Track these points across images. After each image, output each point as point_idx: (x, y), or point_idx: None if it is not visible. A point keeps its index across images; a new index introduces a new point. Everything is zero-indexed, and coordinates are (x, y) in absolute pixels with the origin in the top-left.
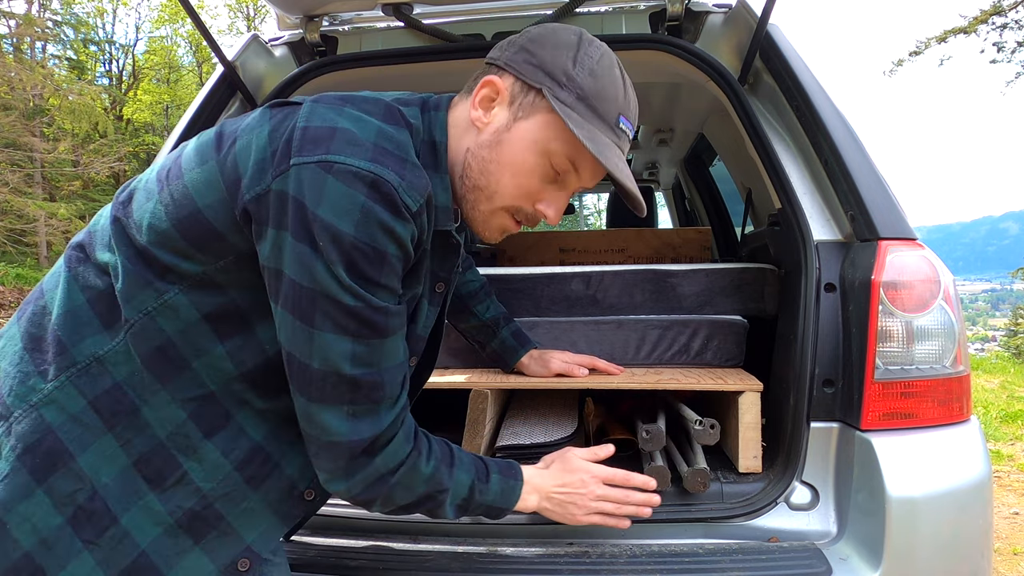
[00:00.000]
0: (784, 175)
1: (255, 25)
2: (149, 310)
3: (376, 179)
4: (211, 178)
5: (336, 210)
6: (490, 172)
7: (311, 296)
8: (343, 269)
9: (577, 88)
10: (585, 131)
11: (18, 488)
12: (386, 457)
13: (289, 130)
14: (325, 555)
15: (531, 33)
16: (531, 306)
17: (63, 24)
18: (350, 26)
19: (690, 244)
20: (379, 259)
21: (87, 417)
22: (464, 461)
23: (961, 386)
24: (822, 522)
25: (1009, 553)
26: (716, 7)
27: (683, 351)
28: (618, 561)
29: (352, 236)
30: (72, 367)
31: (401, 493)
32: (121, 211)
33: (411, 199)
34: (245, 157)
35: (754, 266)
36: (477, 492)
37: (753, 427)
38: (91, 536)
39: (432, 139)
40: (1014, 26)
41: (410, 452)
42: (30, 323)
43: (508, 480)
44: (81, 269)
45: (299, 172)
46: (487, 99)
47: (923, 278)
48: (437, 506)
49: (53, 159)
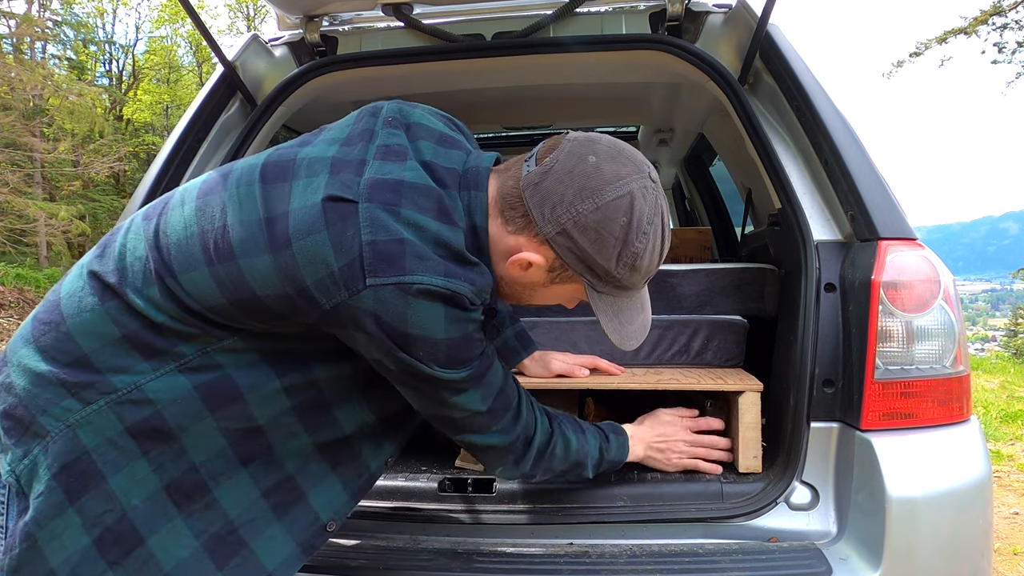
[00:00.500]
0: (784, 175)
1: (255, 25)
2: (208, 350)
3: (452, 295)
4: (269, 275)
5: (424, 326)
6: (522, 298)
7: (427, 380)
8: (444, 364)
9: (615, 282)
10: (611, 318)
11: (52, 506)
12: (540, 438)
13: (357, 245)
14: (325, 555)
15: (580, 211)
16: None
17: (63, 24)
18: (350, 26)
19: (690, 244)
20: (468, 343)
21: (123, 441)
22: (589, 428)
23: (961, 386)
24: (822, 522)
25: (1009, 553)
26: (716, 7)
27: (683, 351)
28: (618, 561)
29: (444, 339)
30: (112, 393)
31: (559, 462)
32: (160, 262)
33: (478, 297)
34: (309, 266)
35: (754, 266)
36: (604, 451)
37: (753, 427)
38: (116, 557)
39: (474, 224)
40: (1014, 26)
41: (552, 427)
42: (54, 348)
43: (620, 437)
44: (112, 306)
45: (377, 293)
46: (525, 264)
47: (923, 278)
48: (583, 469)
49: (53, 159)
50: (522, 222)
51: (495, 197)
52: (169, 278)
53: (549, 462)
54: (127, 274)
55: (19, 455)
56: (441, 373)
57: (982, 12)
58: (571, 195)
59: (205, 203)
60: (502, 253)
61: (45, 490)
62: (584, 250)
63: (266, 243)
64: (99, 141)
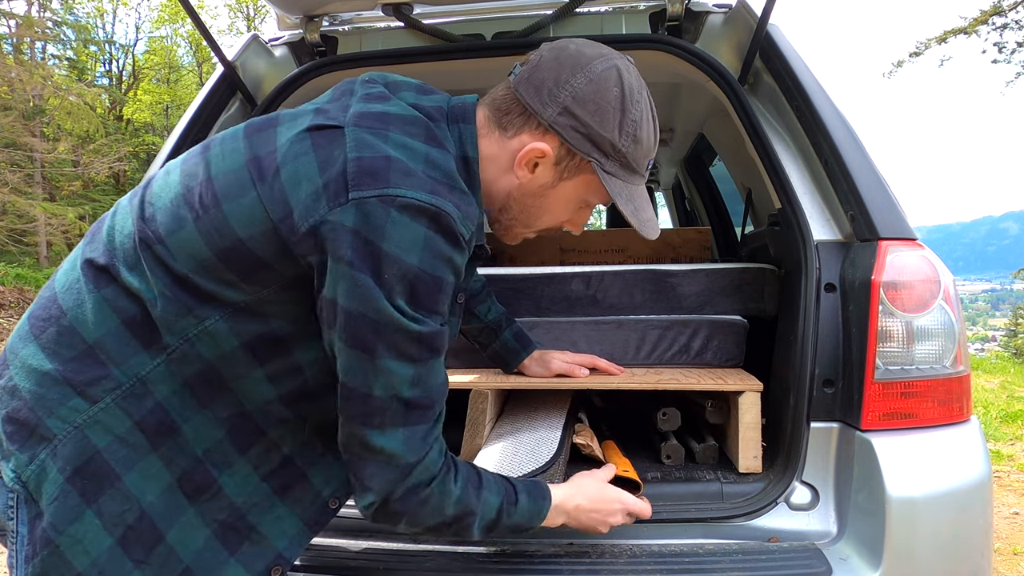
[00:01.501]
0: (784, 175)
1: (255, 25)
2: (190, 336)
3: (438, 212)
4: (254, 210)
5: (400, 243)
6: (531, 214)
7: (373, 327)
8: (406, 299)
9: (621, 157)
10: (626, 201)
11: (69, 510)
12: (422, 470)
13: (341, 161)
14: (325, 555)
15: (575, 86)
16: (531, 306)
17: (63, 25)
18: (350, 26)
19: (690, 244)
20: (439, 286)
21: (133, 437)
22: (492, 483)
23: (961, 386)
24: (822, 522)
25: (1009, 553)
26: (716, 7)
27: (683, 351)
28: (618, 561)
29: (417, 268)
30: (117, 389)
31: (431, 512)
32: (146, 231)
33: (466, 229)
34: (294, 187)
35: (754, 266)
36: (505, 514)
37: (753, 427)
38: (140, 556)
39: (465, 155)
40: (1014, 26)
41: (441, 466)
42: (57, 343)
43: (536, 501)
44: (109, 291)
45: (360, 206)
46: (533, 162)
47: (923, 278)
48: (465, 529)
49: (53, 159)
50: (521, 120)
51: (485, 120)
52: (157, 244)
53: (419, 507)
54: (117, 254)
55: (24, 460)
56: (395, 315)
57: (982, 12)
58: (564, 75)
59: (188, 166)
60: (505, 164)
61: (59, 494)
62: (587, 124)
63: (251, 181)
64: (99, 141)
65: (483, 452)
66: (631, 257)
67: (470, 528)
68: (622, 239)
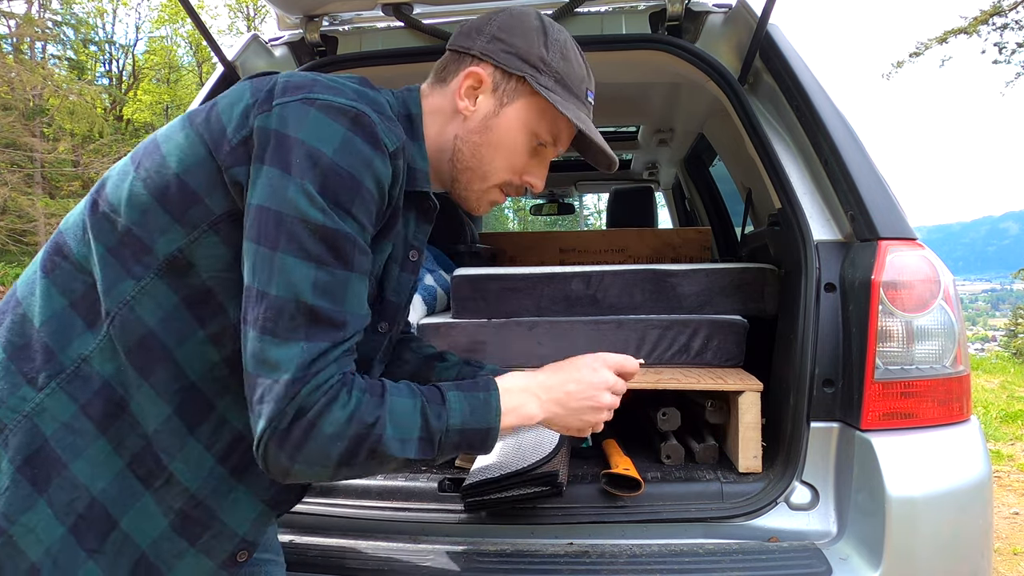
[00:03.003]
0: (784, 175)
1: (255, 25)
2: (128, 299)
3: (359, 113)
4: (190, 141)
5: (316, 135)
6: (482, 155)
7: (277, 218)
8: (316, 189)
9: (554, 72)
10: (571, 112)
11: (20, 499)
12: (311, 389)
13: (271, 82)
14: (325, 555)
15: (497, 20)
16: (531, 306)
17: (63, 24)
18: (350, 26)
19: (690, 244)
20: (354, 187)
21: (79, 423)
22: (403, 388)
23: (961, 386)
24: (822, 522)
25: (1009, 553)
26: (716, 7)
27: (683, 351)
28: (618, 561)
29: (330, 159)
30: (61, 373)
31: (325, 439)
32: (96, 197)
33: (389, 139)
34: (228, 111)
35: (754, 266)
36: (433, 417)
37: (753, 427)
38: (94, 544)
39: (408, 112)
40: (1014, 26)
41: (336, 383)
42: (11, 332)
43: (475, 394)
44: (58, 273)
45: (282, 109)
46: (471, 89)
47: (923, 278)
48: (377, 449)
49: (53, 159)
50: (455, 65)
51: (428, 86)
52: (104, 205)
53: (309, 432)
54: (67, 234)
55: None
56: (301, 202)
57: (982, 12)
58: (488, 18)
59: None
60: (449, 110)
61: (11, 484)
62: (514, 44)
63: (189, 122)
64: (99, 141)
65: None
66: (631, 257)
67: (383, 444)
68: (622, 239)
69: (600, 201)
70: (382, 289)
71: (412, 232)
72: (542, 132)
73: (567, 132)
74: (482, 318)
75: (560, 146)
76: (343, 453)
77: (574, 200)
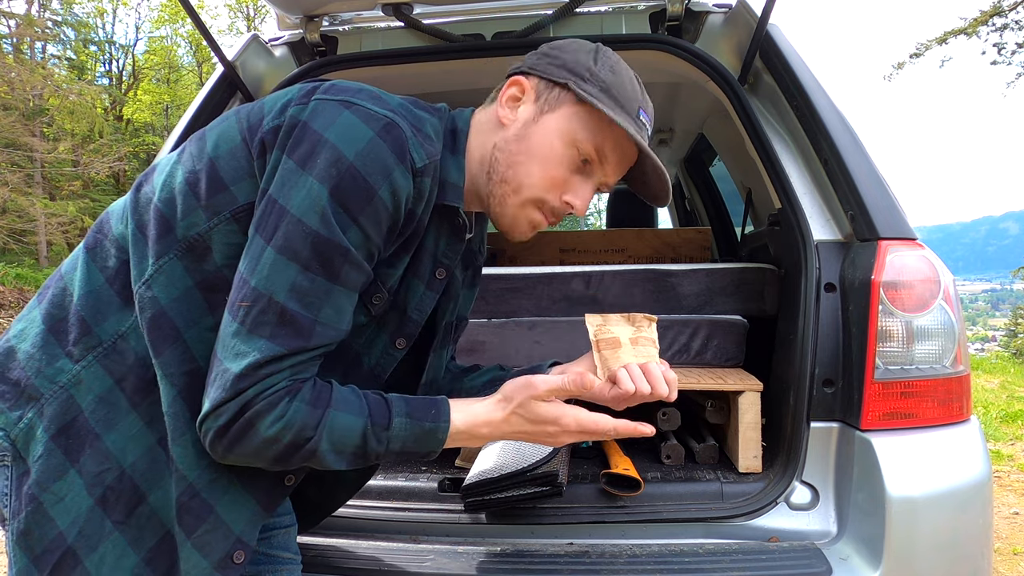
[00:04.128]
0: (784, 175)
1: (255, 25)
2: (147, 277)
3: (391, 123)
4: (231, 128)
5: (343, 136)
6: (518, 164)
7: (280, 213)
8: (328, 189)
9: (600, 82)
10: (620, 118)
11: (53, 468)
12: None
13: (318, 83)
14: (325, 555)
15: (551, 43)
16: (531, 306)
17: (63, 24)
18: (350, 26)
19: (690, 244)
20: (368, 195)
21: (113, 396)
22: (351, 402)
23: (961, 386)
24: (822, 522)
25: (1009, 553)
26: (716, 7)
27: (683, 351)
28: (618, 561)
29: (350, 161)
30: (98, 347)
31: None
32: (144, 178)
33: (418, 155)
34: (272, 103)
35: (754, 266)
36: (372, 440)
37: (753, 427)
38: (120, 517)
39: (454, 127)
40: (1014, 27)
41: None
42: (51, 305)
43: (423, 424)
44: (98, 249)
45: (318, 104)
46: (513, 98)
47: (923, 278)
48: (311, 453)
49: (53, 159)
50: (505, 84)
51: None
52: (146, 185)
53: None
54: (111, 215)
55: (13, 419)
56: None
57: (982, 13)
58: (543, 47)
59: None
60: (493, 123)
61: (44, 452)
62: (562, 58)
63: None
64: (99, 141)
65: (485, 449)
66: (631, 257)
67: (317, 455)
68: (622, 239)
69: (600, 201)
70: (404, 305)
71: (442, 250)
72: (584, 143)
73: (615, 149)
74: (482, 318)
75: (608, 161)
76: (277, 455)
77: None
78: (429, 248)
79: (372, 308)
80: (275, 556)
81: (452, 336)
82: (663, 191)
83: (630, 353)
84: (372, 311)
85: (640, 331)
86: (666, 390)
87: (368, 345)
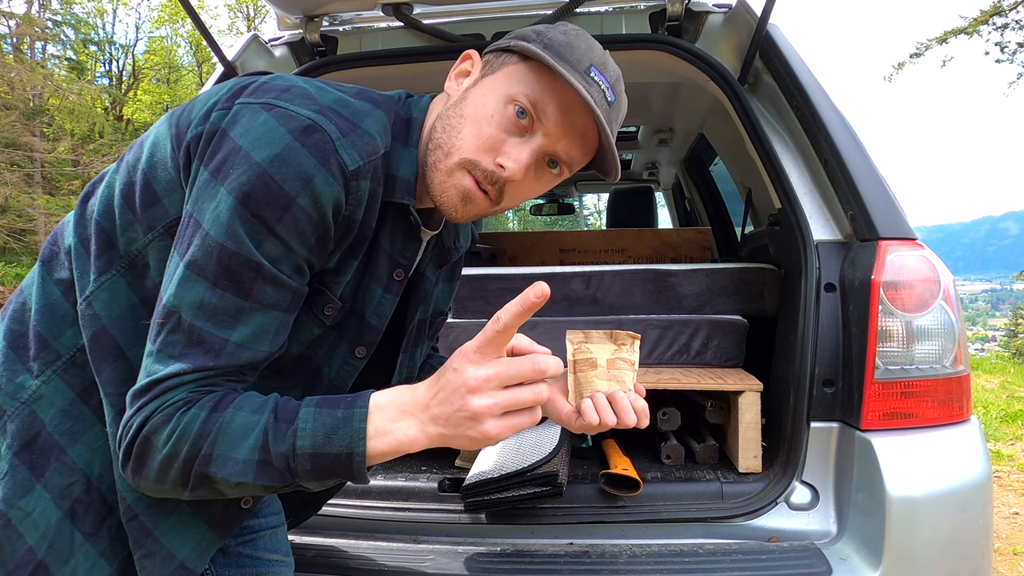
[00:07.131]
0: (784, 175)
1: (255, 25)
2: (88, 294)
3: (312, 125)
4: (162, 135)
5: (257, 141)
6: (452, 127)
7: (194, 227)
8: (238, 199)
9: (545, 39)
10: (557, 63)
11: (19, 484)
12: (156, 404)
13: (251, 80)
14: (325, 555)
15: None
16: None
17: (63, 24)
18: (350, 26)
19: (690, 244)
20: (284, 204)
21: (77, 409)
22: (255, 403)
23: (961, 386)
24: (822, 522)
25: (1009, 553)
26: (716, 7)
27: (683, 351)
28: (618, 561)
29: (263, 169)
30: (57, 361)
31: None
32: (92, 187)
33: (350, 157)
34: (201, 105)
35: (754, 266)
36: (274, 436)
37: (753, 427)
38: (90, 528)
39: (409, 116)
40: (1015, 26)
41: (179, 401)
42: (12, 320)
43: (335, 411)
44: (54, 262)
45: (240, 109)
46: (463, 72)
47: (923, 278)
48: (207, 463)
49: (53, 159)
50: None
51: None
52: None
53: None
54: (64, 226)
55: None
56: (214, 215)
57: (982, 12)
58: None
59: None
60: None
61: (9, 469)
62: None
63: (170, 114)
64: (99, 141)
65: (485, 450)
66: (631, 257)
67: (213, 465)
68: (622, 239)
69: (600, 201)
70: (362, 310)
71: (399, 250)
72: (519, 96)
73: (560, 108)
74: (482, 318)
75: (548, 124)
76: (180, 478)
77: (574, 200)
78: (385, 248)
79: (325, 319)
80: (261, 559)
81: (427, 333)
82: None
83: (604, 376)
84: (326, 322)
85: (620, 351)
86: (634, 420)
87: (328, 356)
